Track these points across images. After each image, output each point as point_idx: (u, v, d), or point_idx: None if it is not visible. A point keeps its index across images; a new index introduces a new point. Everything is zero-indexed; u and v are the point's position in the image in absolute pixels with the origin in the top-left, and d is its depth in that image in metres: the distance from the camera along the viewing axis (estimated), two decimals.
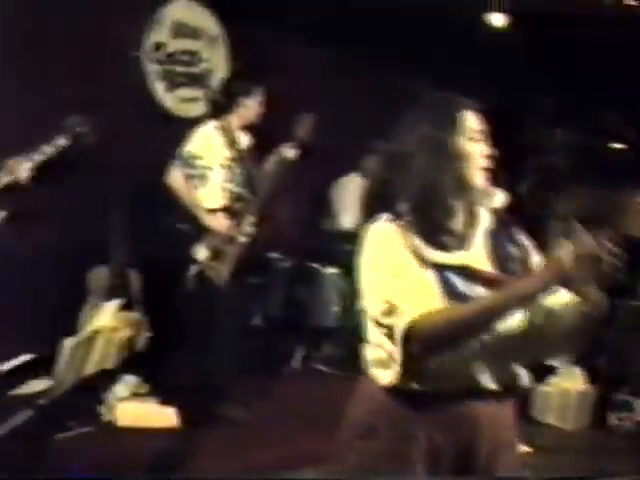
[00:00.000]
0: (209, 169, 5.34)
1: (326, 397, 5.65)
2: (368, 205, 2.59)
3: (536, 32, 6.32)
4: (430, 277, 2.40)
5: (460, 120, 2.49)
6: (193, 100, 6.34)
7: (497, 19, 6.39)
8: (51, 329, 5.19)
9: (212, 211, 5.37)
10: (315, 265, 6.44)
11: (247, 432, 4.94)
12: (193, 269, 5.33)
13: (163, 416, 5.06)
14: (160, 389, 5.38)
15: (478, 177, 2.51)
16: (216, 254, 5.33)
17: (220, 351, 5.49)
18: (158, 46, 6.07)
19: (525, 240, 2.62)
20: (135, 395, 5.32)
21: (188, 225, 5.31)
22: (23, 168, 4.40)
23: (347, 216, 6.79)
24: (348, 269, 6.33)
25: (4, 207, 4.50)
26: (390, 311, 2.38)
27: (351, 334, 6.08)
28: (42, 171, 4.51)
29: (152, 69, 6.05)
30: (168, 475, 4.15)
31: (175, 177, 5.31)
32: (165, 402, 5.25)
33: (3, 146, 4.64)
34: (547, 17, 5.97)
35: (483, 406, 2.48)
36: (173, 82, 6.16)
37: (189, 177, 5.31)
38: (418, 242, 2.42)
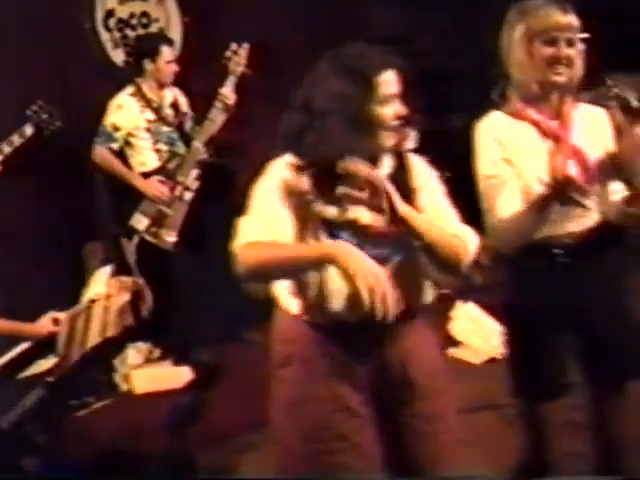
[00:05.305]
0: (132, 136, 5.34)
1: None
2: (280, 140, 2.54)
3: None
4: (285, 216, 2.41)
5: (376, 86, 2.43)
6: None
7: None
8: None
9: (146, 175, 5.37)
10: None
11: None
12: (134, 239, 5.33)
13: (179, 376, 5.09)
14: (172, 351, 5.43)
15: (388, 139, 2.48)
16: (158, 219, 5.34)
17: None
18: (109, 14, 5.97)
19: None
20: (149, 361, 5.39)
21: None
22: None
23: None
24: None
25: None
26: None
27: None
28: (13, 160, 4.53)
29: (107, 38, 5.95)
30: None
31: (99, 153, 5.32)
32: (179, 362, 5.31)
33: None
34: None
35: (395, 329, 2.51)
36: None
37: (113, 150, 5.33)
38: (307, 188, 2.41)
